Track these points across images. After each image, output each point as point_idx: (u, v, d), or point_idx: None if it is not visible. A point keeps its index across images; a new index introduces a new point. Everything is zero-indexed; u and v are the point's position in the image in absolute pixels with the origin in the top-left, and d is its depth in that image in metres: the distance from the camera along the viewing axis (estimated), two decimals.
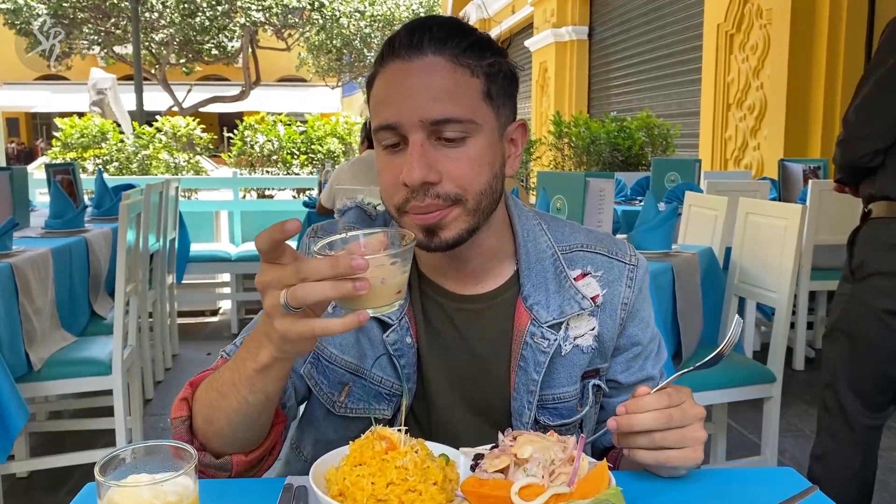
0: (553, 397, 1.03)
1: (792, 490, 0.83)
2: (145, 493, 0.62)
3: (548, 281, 1.03)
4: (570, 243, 1.07)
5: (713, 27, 6.19)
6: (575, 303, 1.02)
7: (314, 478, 0.79)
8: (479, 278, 1.04)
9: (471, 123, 0.92)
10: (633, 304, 1.06)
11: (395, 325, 1.01)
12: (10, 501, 2.63)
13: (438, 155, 0.92)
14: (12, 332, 2.40)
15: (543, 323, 1.00)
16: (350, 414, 1.04)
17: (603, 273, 1.05)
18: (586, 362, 1.04)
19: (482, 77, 0.94)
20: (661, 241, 2.61)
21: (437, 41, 0.92)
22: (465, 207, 0.94)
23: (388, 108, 0.93)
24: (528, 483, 0.75)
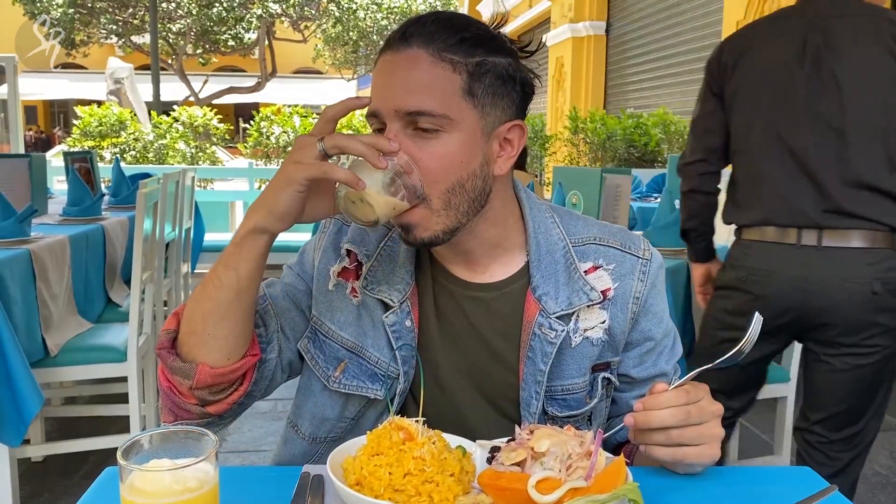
0: (562, 388, 1.03)
1: (809, 490, 0.83)
2: (167, 478, 0.63)
3: (558, 273, 1.03)
4: (582, 236, 1.07)
5: (732, 23, 6.13)
6: (584, 294, 1.02)
7: (331, 467, 0.80)
8: (486, 267, 1.05)
9: (444, 118, 0.93)
10: (645, 298, 1.06)
11: (396, 307, 1.02)
12: (26, 485, 2.65)
13: (411, 145, 0.93)
14: (29, 318, 2.43)
15: (552, 314, 1.01)
16: (344, 390, 1.05)
17: (615, 266, 1.05)
18: (596, 355, 1.04)
19: (464, 74, 0.94)
20: (676, 238, 2.59)
21: (426, 35, 0.94)
22: (429, 208, 0.95)
23: (374, 96, 0.96)
24: (545, 476, 0.75)
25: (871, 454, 3.06)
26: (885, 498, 2.73)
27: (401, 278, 1.04)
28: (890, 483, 2.84)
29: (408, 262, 1.05)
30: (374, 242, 1.07)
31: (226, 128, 8.07)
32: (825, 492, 0.80)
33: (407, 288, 1.03)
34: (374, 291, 1.04)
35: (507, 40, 0.99)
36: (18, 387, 2.21)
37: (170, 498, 0.62)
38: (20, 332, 2.30)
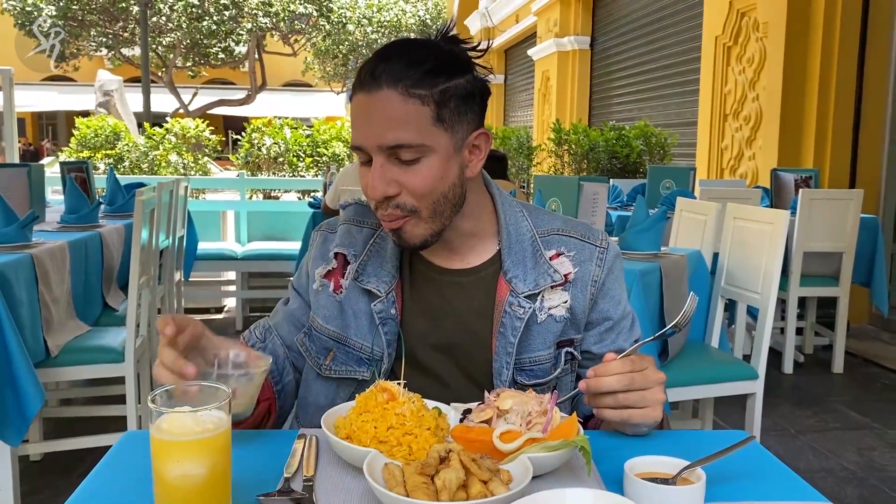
0: (529, 360, 1.17)
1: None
2: (188, 420, 0.75)
3: (526, 258, 1.18)
4: (547, 228, 1.22)
5: (711, 39, 6.32)
6: (548, 276, 1.17)
7: (325, 424, 0.93)
8: (463, 255, 1.21)
9: (422, 147, 1.07)
10: (602, 281, 1.21)
11: (383, 297, 1.17)
12: (25, 483, 2.73)
13: (397, 171, 1.08)
14: (32, 319, 2.53)
15: (520, 293, 1.16)
16: (334, 375, 1.21)
17: (575, 253, 1.20)
18: (559, 331, 1.18)
19: (432, 105, 1.07)
20: (650, 242, 2.73)
21: (393, 74, 1.06)
22: (420, 217, 1.10)
23: (356, 133, 1.10)
24: (507, 429, 0.88)
25: (839, 450, 3.22)
26: (851, 491, 2.86)
27: (387, 272, 1.19)
28: (856, 477, 2.97)
29: (394, 257, 1.20)
30: (360, 243, 1.23)
31: (217, 139, 8.18)
32: (744, 442, 0.92)
33: (393, 280, 1.18)
34: (364, 283, 1.19)
35: (460, 55, 1.12)
36: (21, 386, 2.31)
37: (191, 436, 0.75)
38: (24, 333, 2.39)
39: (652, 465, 0.89)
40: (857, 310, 4.98)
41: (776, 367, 4.24)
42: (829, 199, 4.14)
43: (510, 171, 7.45)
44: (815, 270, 4.25)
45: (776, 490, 0.90)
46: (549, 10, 10.89)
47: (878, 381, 4.22)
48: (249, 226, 5.60)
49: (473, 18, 16.02)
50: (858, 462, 3.11)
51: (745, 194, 4.27)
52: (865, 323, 5.25)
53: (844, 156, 5.28)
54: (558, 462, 0.89)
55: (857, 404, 3.80)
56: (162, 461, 0.75)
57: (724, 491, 0.88)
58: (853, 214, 4.09)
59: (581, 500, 0.77)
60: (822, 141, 5.26)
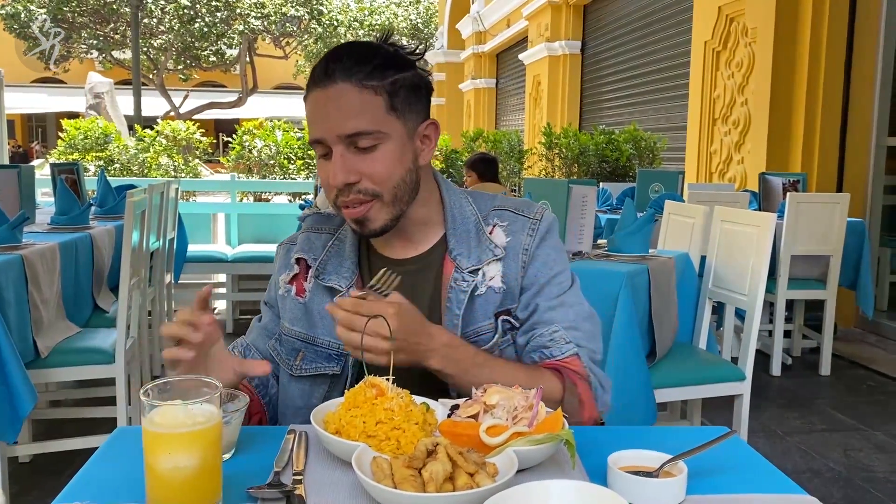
0: (473, 332, 1.22)
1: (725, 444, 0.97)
2: (180, 413, 0.77)
3: (470, 238, 1.25)
4: (488, 207, 1.29)
5: (700, 44, 6.37)
6: (489, 251, 1.24)
7: (315, 420, 0.94)
8: (414, 242, 1.28)
9: (379, 133, 1.14)
10: (533, 250, 1.26)
11: (344, 291, 1.23)
12: (14, 484, 2.73)
13: (356, 160, 1.15)
14: (22, 320, 2.53)
15: (464, 269, 1.23)
16: (305, 374, 1.26)
17: (508, 224, 1.27)
18: (498, 302, 1.24)
19: (385, 94, 1.15)
20: (638, 245, 2.76)
21: (345, 70, 1.14)
22: (382, 201, 1.18)
23: (314, 127, 1.16)
24: (493, 424, 0.90)
25: (826, 451, 3.25)
26: (838, 491, 2.89)
27: (347, 268, 1.26)
28: (842, 478, 3.00)
29: (352, 254, 1.27)
30: (319, 248, 1.30)
31: (208, 141, 8.17)
32: (724, 436, 0.94)
33: (352, 276, 1.26)
34: (325, 281, 1.26)
35: (405, 55, 1.21)
36: (14, 384, 2.31)
37: (182, 429, 0.76)
38: (13, 334, 2.39)
39: (635, 458, 0.91)
40: (844, 313, 5.03)
41: (764, 369, 4.27)
42: (817, 203, 4.18)
43: (501, 175, 7.47)
44: (803, 273, 4.29)
45: (756, 483, 0.92)
46: (541, 15, 10.94)
47: (864, 384, 4.25)
48: (240, 228, 5.60)
49: (465, 23, 16.07)
50: (845, 463, 3.14)
51: (734, 198, 4.30)
52: (853, 326, 5.30)
53: (832, 160, 5.33)
54: (543, 455, 0.91)
55: (843, 406, 3.83)
56: (154, 453, 0.76)
57: (706, 484, 0.90)
58: (840, 218, 4.13)
59: (565, 491, 0.79)
60: (809, 145, 5.31)
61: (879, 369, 4.45)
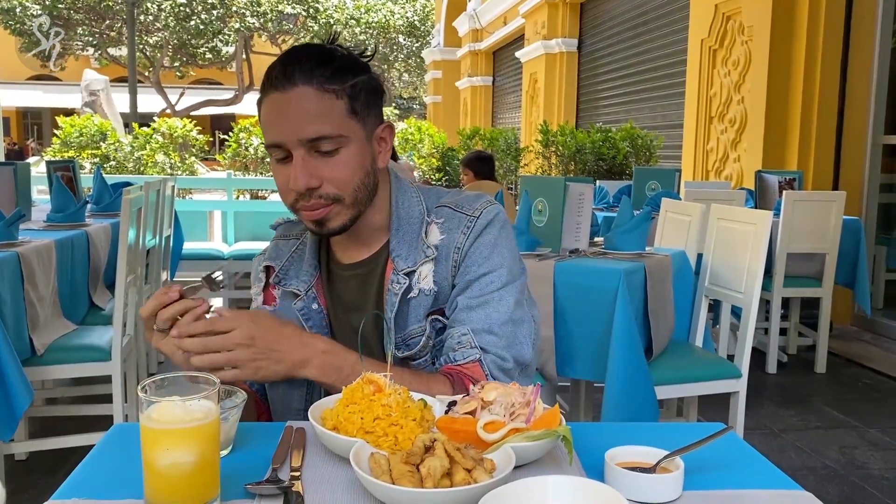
0: (407, 334, 1.21)
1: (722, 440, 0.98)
2: (177, 410, 0.77)
3: (411, 239, 1.23)
4: (433, 204, 1.27)
5: (697, 42, 6.38)
6: (423, 253, 1.22)
7: (312, 416, 0.94)
8: (368, 246, 1.27)
9: (340, 137, 1.13)
10: (466, 249, 1.21)
11: (302, 294, 1.25)
12: (11, 482, 2.73)
13: (318, 164, 1.13)
14: (17, 318, 2.52)
15: (400, 270, 1.21)
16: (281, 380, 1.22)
17: (444, 221, 1.24)
18: (430, 303, 1.22)
19: (346, 98, 1.14)
20: (635, 242, 2.76)
21: (306, 73, 1.12)
22: (343, 204, 1.16)
23: (272, 130, 1.14)
24: (491, 420, 0.90)
25: (822, 448, 3.26)
26: (833, 489, 2.90)
27: (306, 272, 1.27)
28: (838, 475, 3.01)
29: (312, 258, 1.28)
30: (286, 254, 1.31)
31: (205, 139, 8.16)
32: (721, 432, 0.95)
33: (311, 279, 1.26)
34: (287, 286, 1.27)
35: (359, 59, 1.20)
36: (10, 382, 2.31)
37: (180, 425, 0.76)
38: (9, 331, 2.39)
39: (632, 454, 0.91)
40: (840, 310, 5.04)
41: (760, 367, 4.28)
42: (813, 201, 4.19)
43: (498, 173, 7.48)
44: (799, 271, 4.30)
45: (753, 479, 0.92)
46: (537, 13, 10.94)
47: (860, 381, 4.27)
48: (236, 226, 5.60)
49: (461, 20, 16.06)
50: (840, 460, 3.15)
51: (730, 196, 4.31)
52: (848, 324, 5.31)
53: (828, 158, 5.34)
54: (541, 451, 0.91)
55: (839, 404, 3.85)
56: (152, 449, 0.77)
57: (702, 480, 0.90)
58: (836, 216, 4.15)
59: (562, 487, 0.79)
60: (805, 143, 5.32)
61: (875, 367, 4.46)
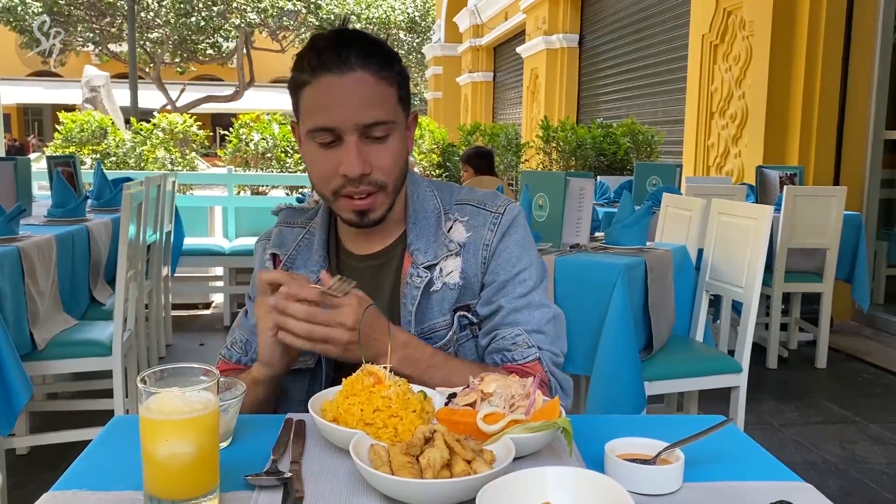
0: (429, 327, 1.22)
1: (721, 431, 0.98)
2: (177, 401, 0.77)
3: (429, 233, 1.25)
4: (453, 201, 1.28)
5: (698, 38, 6.37)
6: (445, 247, 1.23)
7: (312, 407, 0.94)
8: (380, 237, 1.28)
9: (392, 123, 1.16)
10: (495, 245, 1.24)
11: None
12: (12, 476, 2.73)
13: (369, 150, 1.15)
14: (18, 312, 2.53)
15: (420, 264, 1.23)
16: None
17: (469, 219, 1.25)
18: (455, 297, 1.23)
19: (396, 85, 1.17)
20: (635, 237, 2.76)
21: (362, 57, 1.13)
22: (386, 192, 1.18)
23: (325, 114, 1.13)
24: (491, 411, 0.90)
25: (822, 443, 3.26)
26: (833, 483, 2.90)
27: (315, 262, 1.27)
28: (838, 470, 3.01)
29: (320, 248, 1.27)
30: (291, 242, 1.31)
31: (205, 134, 8.15)
32: (720, 424, 0.95)
33: (319, 269, 1.25)
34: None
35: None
36: (9, 377, 2.31)
37: (179, 416, 0.76)
38: (9, 326, 2.39)
39: (632, 446, 0.91)
40: (840, 306, 5.04)
41: (760, 362, 4.28)
42: (814, 196, 4.19)
43: (498, 168, 7.47)
44: (800, 266, 4.30)
45: (753, 471, 0.92)
46: (538, 8, 10.91)
47: (860, 376, 4.27)
48: (237, 221, 5.60)
49: (462, 16, 16.03)
50: (840, 455, 3.15)
51: (731, 191, 4.30)
52: (849, 319, 5.31)
53: (829, 153, 5.33)
54: (540, 443, 0.91)
55: (839, 399, 3.85)
56: (151, 440, 0.76)
57: (703, 471, 0.90)
58: (837, 211, 4.14)
59: (562, 478, 0.79)
60: (806, 139, 5.31)
61: (875, 362, 4.46)
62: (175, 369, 0.81)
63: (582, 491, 0.78)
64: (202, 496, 0.79)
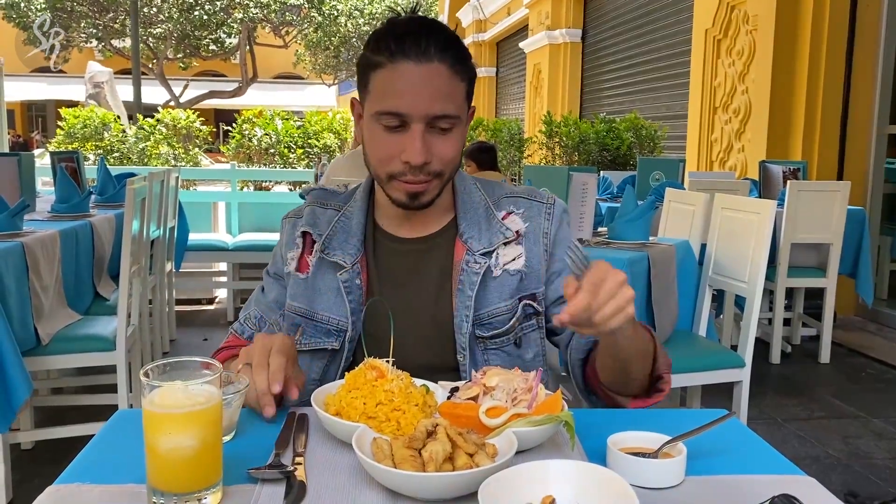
0: (487, 313, 1.23)
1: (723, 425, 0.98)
2: (180, 394, 0.77)
3: (480, 222, 1.27)
4: (498, 194, 1.31)
5: (701, 32, 6.35)
6: (500, 234, 1.26)
7: (315, 401, 0.94)
8: (424, 224, 1.29)
9: (458, 118, 1.17)
10: (554, 233, 1.29)
11: (348, 267, 1.24)
12: (17, 471, 2.74)
13: (433, 141, 1.16)
14: (22, 307, 2.53)
15: (476, 252, 1.24)
16: (304, 348, 1.26)
17: (524, 210, 1.29)
18: (516, 284, 1.25)
19: (466, 82, 1.19)
20: (638, 232, 2.76)
21: (440, 50, 1.14)
22: (442, 180, 1.20)
23: (397, 99, 1.14)
24: (493, 405, 0.90)
25: (825, 438, 3.26)
26: (836, 478, 2.90)
27: (353, 245, 1.26)
28: (841, 464, 3.01)
29: (358, 232, 1.28)
30: (325, 223, 1.30)
31: (208, 130, 8.15)
32: (723, 418, 0.95)
33: (358, 254, 1.26)
34: (330, 256, 1.26)
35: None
36: (9, 375, 2.30)
37: (182, 409, 0.76)
38: (14, 322, 2.40)
39: (635, 440, 0.91)
40: (844, 301, 5.03)
41: (764, 357, 4.28)
42: (817, 191, 4.18)
43: (501, 164, 7.46)
44: (803, 261, 4.29)
45: (755, 464, 0.92)
46: (541, 3, 10.89)
47: (863, 371, 4.26)
48: (240, 217, 5.60)
49: (465, 11, 16.00)
50: (843, 450, 3.15)
51: (734, 186, 4.29)
52: (852, 314, 5.30)
53: (832, 148, 5.32)
54: (543, 437, 0.91)
55: (843, 394, 3.84)
56: (154, 433, 0.77)
57: (705, 465, 0.90)
58: (840, 206, 4.13)
59: (564, 471, 0.80)
60: (810, 133, 5.30)
61: (879, 357, 4.45)
62: (178, 363, 0.81)
63: (584, 485, 0.78)
64: (205, 489, 0.79)
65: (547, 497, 0.77)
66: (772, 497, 0.79)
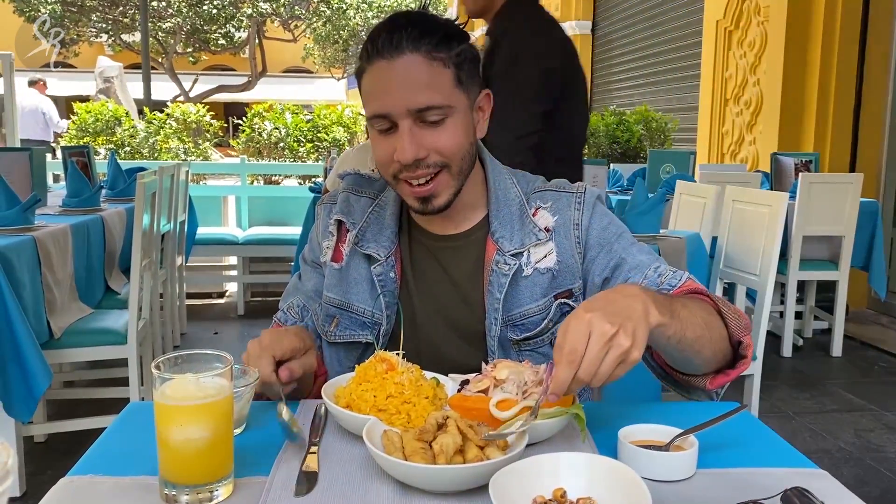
0: (519, 314, 1.20)
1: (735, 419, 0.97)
2: (191, 386, 0.77)
3: (513, 221, 1.22)
4: (531, 188, 1.26)
5: (713, 24, 6.30)
6: (533, 235, 1.21)
7: (325, 394, 0.94)
8: (456, 222, 1.25)
9: (448, 107, 1.11)
10: (586, 223, 1.21)
11: (382, 260, 1.22)
12: (30, 463, 2.76)
13: (424, 134, 1.11)
14: (36, 301, 2.55)
15: (506, 252, 1.19)
16: (339, 340, 1.25)
17: (552, 203, 1.23)
18: (547, 282, 1.20)
19: (452, 67, 1.12)
20: (649, 224, 2.75)
21: (413, 40, 1.09)
22: (450, 171, 1.15)
23: (377, 101, 1.11)
24: (503, 398, 0.90)
25: (837, 431, 3.24)
26: (848, 471, 2.89)
27: (387, 237, 1.23)
28: (853, 458, 3.00)
29: (393, 224, 1.25)
30: (359, 212, 1.27)
31: (219, 124, 8.17)
32: (735, 411, 0.94)
33: (392, 246, 1.23)
34: (364, 248, 1.23)
35: (460, 27, 1.18)
36: (28, 364, 2.33)
37: (193, 401, 0.77)
38: (28, 315, 2.41)
39: (646, 433, 0.91)
40: (856, 294, 5.00)
41: (775, 350, 4.26)
42: (829, 183, 4.15)
43: None
44: (815, 254, 4.26)
45: (767, 457, 0.92)
46: None
47: (875, 365, 4.24)
48: (250, 211, 5.61)
49: None
50: (855, 443, 3.13)
51: (745, 178, 4.27)
52: (864, 307, 5.27)
53: (845, 140, 5.28)
54: (553, 429, 0.91)
55: (854, 387, 3.82)
56: (166, 425, 0.77)
57: (717, 458, 0.90)
58: (853, 198, 4.10)
59: (575, 464, 0.79)
60: (822, 125, 5.26)
61: (891, 350, 4.43)
62: (189, 356, 0.82)
63: (595, 477, 0.78)
64: (217, 481, 0.79)
65: (558, 490, 0.77)
66: (784, 490, 0.79)
